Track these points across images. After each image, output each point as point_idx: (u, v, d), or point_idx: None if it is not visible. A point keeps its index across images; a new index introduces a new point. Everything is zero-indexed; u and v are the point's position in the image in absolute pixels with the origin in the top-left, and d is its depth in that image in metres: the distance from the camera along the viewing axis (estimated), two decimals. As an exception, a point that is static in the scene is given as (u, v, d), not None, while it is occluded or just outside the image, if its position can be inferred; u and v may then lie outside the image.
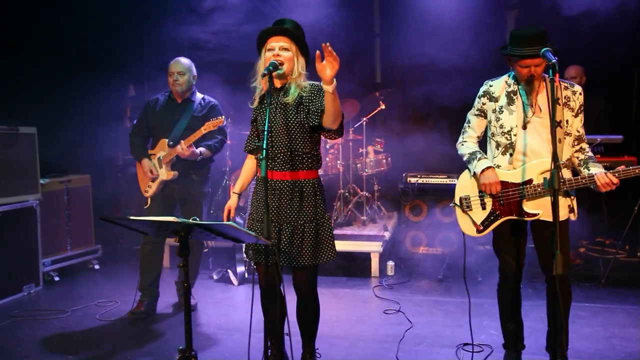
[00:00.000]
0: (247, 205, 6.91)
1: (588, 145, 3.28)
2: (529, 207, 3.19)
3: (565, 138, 3.16)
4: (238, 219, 5.69)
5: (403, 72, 7.26)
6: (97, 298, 4.87)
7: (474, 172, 3.30)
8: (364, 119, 6.28)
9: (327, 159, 6.25)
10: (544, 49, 2.71)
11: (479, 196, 3.34)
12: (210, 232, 2.59)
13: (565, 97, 3.18)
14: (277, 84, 3.15)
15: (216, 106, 4.60)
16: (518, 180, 3.20)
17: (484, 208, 3.33)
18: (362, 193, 6.28)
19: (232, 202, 3.37)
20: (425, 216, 5.89)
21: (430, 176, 5.91)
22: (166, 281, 4.97)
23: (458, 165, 6.03)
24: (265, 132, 2.79)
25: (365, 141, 6.39)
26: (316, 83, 3.14)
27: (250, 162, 3.41)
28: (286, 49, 3.06)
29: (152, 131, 4.58)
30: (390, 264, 5.61)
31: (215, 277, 5.46)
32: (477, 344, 3.81)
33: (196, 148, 4.38)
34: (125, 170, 7.11)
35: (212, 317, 4.47)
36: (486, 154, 3.38)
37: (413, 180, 5.89)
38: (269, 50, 3.08)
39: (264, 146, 2.74)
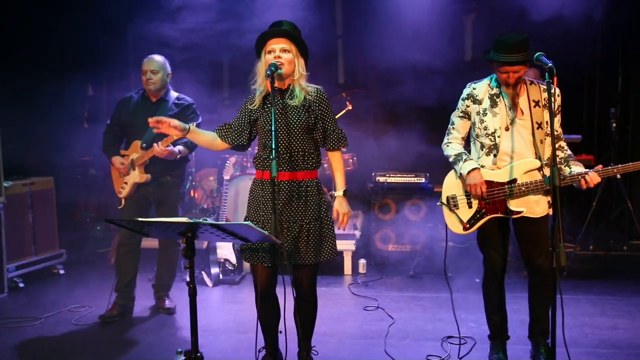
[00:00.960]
0: (216, 207, 6.86)
1: (566, 144, 3.45)
2: (513, 205, 3.33)
3: (546, 139, 3.32)
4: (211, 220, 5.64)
5: (366, 73, 7.38)
6: (68, 304, 4.71)
7: (460, 173, 3.40)
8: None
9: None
10: (538, 54, 2.85)
11: (465, 195, 3.45)
12: (223, 232, 2.58)
13: (544, 99, 3.33)
14: (279, 84, 3.17)
15: (191, 105, 4.50)
16: (503, 179, 3.33)
17: (470, 207, 3.45)
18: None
19: (180, 123, 3.19)
20: (394, 214, 6.01)
21: (398, 175, 6.05)
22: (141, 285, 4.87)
23: (424, 164, 6.28)
24: (273, 132, 2.81)
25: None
26: (320, 88, 3.20)
27: (212, 139, 3.34)
28: (286, 51, 3.09)
29: (125, 130, 4.47)
30: (362, 262, 5.70)
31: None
32: (461, 337, 3.94)
33: (174, 147, 4.28)
34: (85, 172, 6.91)
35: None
36: (470, 155, 3.50)
37: (382, 179, 6.00)
38: (269, 52, 3.10)
39: (274, 146, 2.75)
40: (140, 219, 2.60)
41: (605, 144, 6.16)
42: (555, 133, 3.35)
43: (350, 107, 6.38)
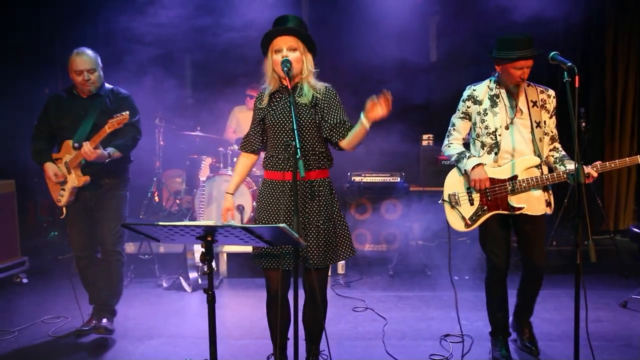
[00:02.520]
0: (184, 209, 6.65)
1: (560, 145, 3.56)
2: (514, 201, 3.41)
3: (543, 137, 3.42)
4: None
5: (332, 72, 7.33)
6: (40, 315, 4.43)
7: (465, 170, 3.45)
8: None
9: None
10: (553, 53, 2.89)
11: (467, 192, 3.50)
12: (251, 236, 2.46)
13: (541, 100, 3.44)
14: (287, 83, 3.07)
15: (127, 98, 4.03)
16: (504, 176, 3.41)
17: (472, 204, 3.50)
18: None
19: (229, 203, 3.27)
20: (370, 214, 6.00)
21: (374, 175, 6.04)
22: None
23: (399, 163, 6.31)
24: (295, 131, 2.71)
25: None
26: (329, 86, 3.12)
27: (246, 160, 3.31)
28: (294, 49, 3.00)
29: (55, 132, 3.97)
30: (341, 262, 5.66)
31: (165, 284, 5.18)
32: (458, 335, 3.97)
33: (105, 149, 3.80)
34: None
35: (181, 327, 4.24)
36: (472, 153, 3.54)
37: (358, 179, 5.99)
38: (277, 52, 3.00)
39: (297, 145, 2.66)
40: (161, 223, 2.44)
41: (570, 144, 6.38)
42: (552, 134, 3.48)
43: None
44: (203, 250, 2.61)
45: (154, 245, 5.45)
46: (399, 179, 6.02)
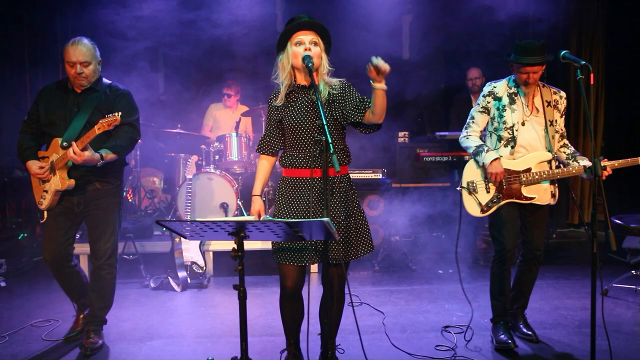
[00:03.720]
0: (162, 209, 6.53)
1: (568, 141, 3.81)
2: (526, 191, 3.66)
3: (554, 135, 3.67)
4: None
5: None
6: (28, 319, 4.28)
7: (482, 163, 3.66)
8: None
9: (252, 156, 6.13)
10: (564, 52, 3.03)
11: (484, 181, 3.72)
12: (289, 230, 2.46)
13: (554, 101, 3.70)
14: (303, 80, 3.08)
15: (126, 95, 3.75)
16: (519, 168, 3.65)
17: (488, 192, 3.73)
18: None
19: (259, 204, 3.21)
20: (353, 210, 6.05)
21: (356, 171, 6.10)
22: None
23: (381, 160, 6.39)
24: (325, 127, 2.71)
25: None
26: (343, 80, 3.14)
27: (266, 163, 3.28)
28: (315, 44, 3.01)
29: (44, 128, 3.67)
30: (327, 258, 5.69)
31: (152, 284, 5.08)
32: (458, 325, 4.08)
33: (97, 150, 3.50)
34: (10, 173, 6.26)
35: (181, 327, 4.18)
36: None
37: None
38: (298, 44, 3.00)
39: (330, 140, 2.66)
40: (197, 219, 2.42)
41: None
42: (561, 132, 3.72)
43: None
44: (235, 246, 2.60)
45: (139, 245, 5.33)
46: (381, 175, 6.10)
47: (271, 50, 7.31)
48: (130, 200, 6.44)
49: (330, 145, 2.65)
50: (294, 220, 2.41)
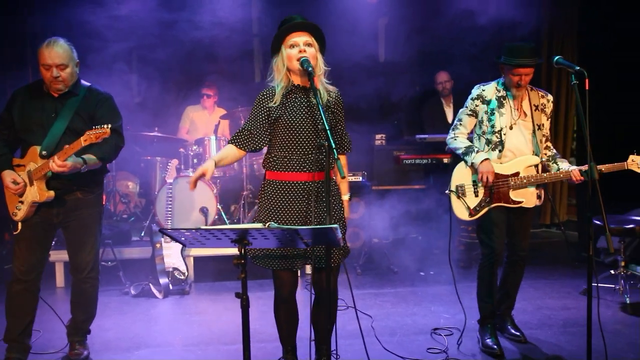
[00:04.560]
0: (138, 213, 6.39)
1: (551, 144, 3.85)
2: (514, 195, 3.67)
3: (542, 139, 3.71)
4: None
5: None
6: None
7: (472, 163, 3.67)
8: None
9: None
10: (558, 57, 3.08)
11: (473, 185, 3.72)
12: (297, 236, 2.43)
13: (542, 104, 3.72)
14: (300, 81, 3.05)
15: (108, 100, 3.53)
16: (507, 172, 3.66)
17: (476, 195, 3.73)
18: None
19: (210, 166, 2.91)
20: (333, 213, 6.04)
21: (336, 174, 6.09)
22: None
23: (362, 162, 6.39)
24: (328, 131, 2.68)
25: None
26: (338, 91, 3.17)
27: (236, 153, 3.10)
28: (310, 45, 2.99)
29: (19, 134, 3.44)
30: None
31: (133, 292, 4.96)
32: (447, 328, 4.12)
33: (78, 156, 3.29)
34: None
35: (167, 335, 4.09)
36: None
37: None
38: (292, 46, 2.97)
39: (333, 145, 2.64)
40: (202, 227, 2.36)
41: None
42: (547, 135, 3.75)
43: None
44: (239, 253, 2.55)
45: (117, 251, 5.21)
46: (361, 178, 6.11)
47: (249, 53, 7.31)
48: (104, 205, 6.29)
49: (335, 150, 2.63)
50: (305, 227, 2.38)
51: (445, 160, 5.98)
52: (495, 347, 3.68)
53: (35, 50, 3.40)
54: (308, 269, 5.39)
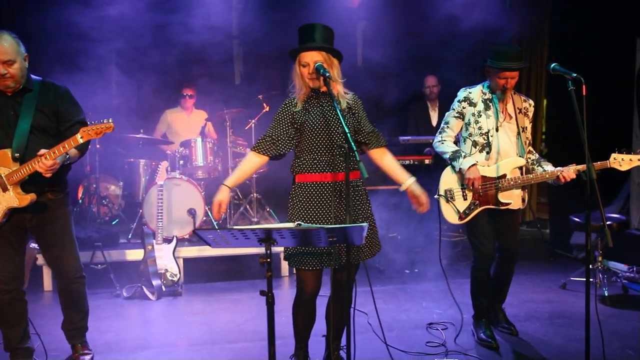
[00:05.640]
0: (121, 215, 6.34)
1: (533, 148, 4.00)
2: (502, 197, 3.78)
3: (526, 141, 3.84)
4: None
5: (266, 74, 7.38)
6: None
7: (460, 168, 3.75)
8: (252, 121, 6.31)
9: (217, 161, 6.10)
10: (554, 64, 3.23)
11: (461, 189, 3.81)
12: (325, 236, 2.53)
13: (524, 108, 3.86)
14: (320, 87, 3.15)
15: (68, 93, 3.38)
16: (494, 175, 3.77)
17: (465, 199, 3.82)
18: (253, 195, 6.29)
19: (224, 196, 3.13)
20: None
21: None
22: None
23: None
24: (348, 134, 2.79)
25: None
26: (354, 94, 3.26)
27: (257, 161, 3.22)
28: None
29: None
30: (297, 262, 5.75)
31: (125, 294, 4.94)
32: (441, 322, 4.28)
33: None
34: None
35: (169, 336, 4.11)
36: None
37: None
38: (303, 66, 3.09)
39: (354, 148, 2.75)
40: (235, 227, 2.43)
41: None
42: (530, 138, 3.90)
43: (267, 109, 6.38)
44: (265, 252, 2.63)
45: (106, 254, 5.17)
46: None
47: (229, 55, 7.31)
48: (85, 207, 6.23)
49: (356, 152, 2.74)
50: (336, 226, 2.48)
51: (427, 162, 6.15)
52: (490, 340, 3.84)
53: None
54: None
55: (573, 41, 6.83)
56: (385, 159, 3.33)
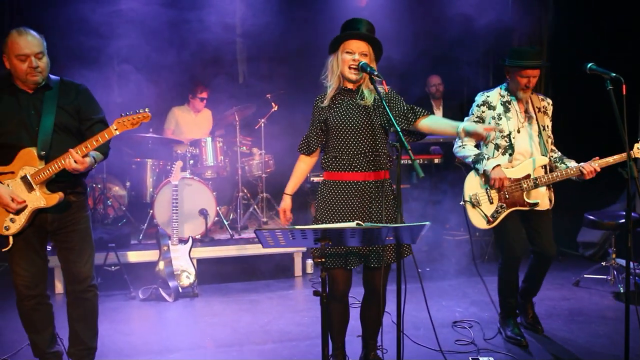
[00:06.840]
0: (126, 215, 6.24)
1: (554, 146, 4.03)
2: (529, 197, 3.80)
3: (548, 140, 3.87)
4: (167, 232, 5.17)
5: (270, 74, 7.33)
6: (19, 339, 3.93)
7: (484, 170, 3.77)
8: (262, 120, 6.26)
9: (227, 160, 6.05)
10: (591, 64, 3.26)
11: (486, 192, 3.83)
12: (372, 235, 2.52)
13: (543, 107, 3.90)
14: (349, 85, 3.14)
15: (88, 91, 3.28)
16: (519, 176, 3.79)
17: (491, 202, 3.84)
18: (262, 195, 6.25)
19: (287, 203, 3.32)
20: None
21: (320, 175, 6.19)
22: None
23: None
24: (400, 133, 2.77)
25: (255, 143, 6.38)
26: (389, 88, 3.22)
27: (303, 164, 3.33)
28: (365, 54, 3.08)
29: None
30: (310, 262, 5.74)
31: (141, 296, 4.87)
32: (465, 320, 4.30)
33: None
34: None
35: (195, 338, 4.06)
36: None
37: (317, 179, 6.09)
38: (348, 52, 3.06)
39: (408, 147, 2.74)
40: (297, 227, 2.40)
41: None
42: (551, 136, 3.93)
43: (275, 108, 6.35)
44: (320, 252, 2.62)
45: (122, 256, 5.09)
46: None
47: (233, 54, 7.23)
48: (92, 209, 6.11)
49: (410, 152, 2.73)
50: (398, 224, 2.47)
51: (437, 161, 6.17)
52: (520, 337, 3.87)
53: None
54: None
55: (573, 41, 6.92)
56: (436, 120, 3.22)
